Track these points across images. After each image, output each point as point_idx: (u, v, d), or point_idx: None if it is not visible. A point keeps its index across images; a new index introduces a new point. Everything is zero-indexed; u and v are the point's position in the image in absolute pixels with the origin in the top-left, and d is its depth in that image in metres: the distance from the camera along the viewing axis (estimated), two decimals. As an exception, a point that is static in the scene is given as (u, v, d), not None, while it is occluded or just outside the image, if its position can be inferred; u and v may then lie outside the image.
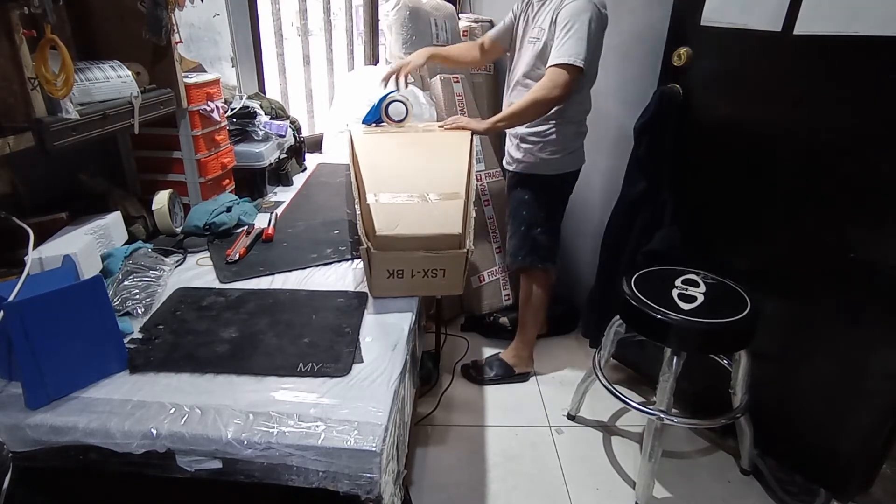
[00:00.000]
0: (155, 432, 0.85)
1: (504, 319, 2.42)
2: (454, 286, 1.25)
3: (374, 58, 2.86)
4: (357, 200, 1.40)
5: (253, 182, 1.88)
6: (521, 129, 1.87)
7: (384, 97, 1.87)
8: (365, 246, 1.17)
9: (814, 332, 1.58)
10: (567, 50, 1.62)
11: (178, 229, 1.52)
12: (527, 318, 2.13)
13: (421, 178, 1.47)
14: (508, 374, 2.18)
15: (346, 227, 1.63)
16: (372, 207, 1.26)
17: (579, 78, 1.66)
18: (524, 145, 1.89)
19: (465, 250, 1.19)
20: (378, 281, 1.22)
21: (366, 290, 1.27)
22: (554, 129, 1.82)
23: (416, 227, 1.21)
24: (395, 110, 1.87)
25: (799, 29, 1.43)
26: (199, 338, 1.07)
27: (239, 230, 1.55)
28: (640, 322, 1.58)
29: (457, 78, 2.51)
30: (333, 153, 2.46)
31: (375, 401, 0.92)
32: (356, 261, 1.42)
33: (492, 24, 2.78)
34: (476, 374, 2.19)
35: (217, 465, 0.87)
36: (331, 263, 1.41)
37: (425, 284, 1.23)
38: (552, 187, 1.92)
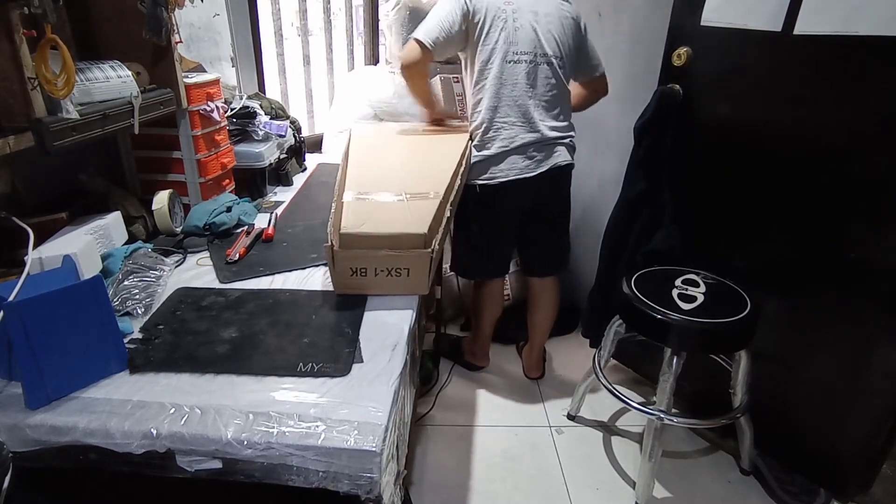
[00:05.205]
0: (155, 432, 0.85)
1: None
2: (419, 286, 1.23)
3: (374, 58, 2.85)
4: (335, 198, 1.40)
5: (253, 182, 1.88)
6: None
7: None
8: (329, 243, 1.17)
9: (814, 332, 1.58)
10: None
11: (178, 229, 1.51)
12: (474, 315, 2.21)
13: (405, 178, 1.47)
14: (456, 358, 2.28)
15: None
16: (345, 205, 1.26)
17: (423, 54, 1.69)
18: None
19: (430, 250, 1.18)
20: (341, 278, 1.21)
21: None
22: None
23: (381, 225, 1.20)
24: None
25: (799, 29, 1.43)
26: (199, 338, 1.07)
27: (239, 230, 1.55)
28: (640, 322, 1.58)
29: (457, 78, 2.50)
30: (333, 153, 2.46)
31: (375, 401, 0.92)
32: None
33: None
34: (446, 342, 2.32)
35: (217, 465, 0.87)
36: (331, 263, 1.40)
37: (389, 283, 1.22)
38: (467, 198, 1.78)
